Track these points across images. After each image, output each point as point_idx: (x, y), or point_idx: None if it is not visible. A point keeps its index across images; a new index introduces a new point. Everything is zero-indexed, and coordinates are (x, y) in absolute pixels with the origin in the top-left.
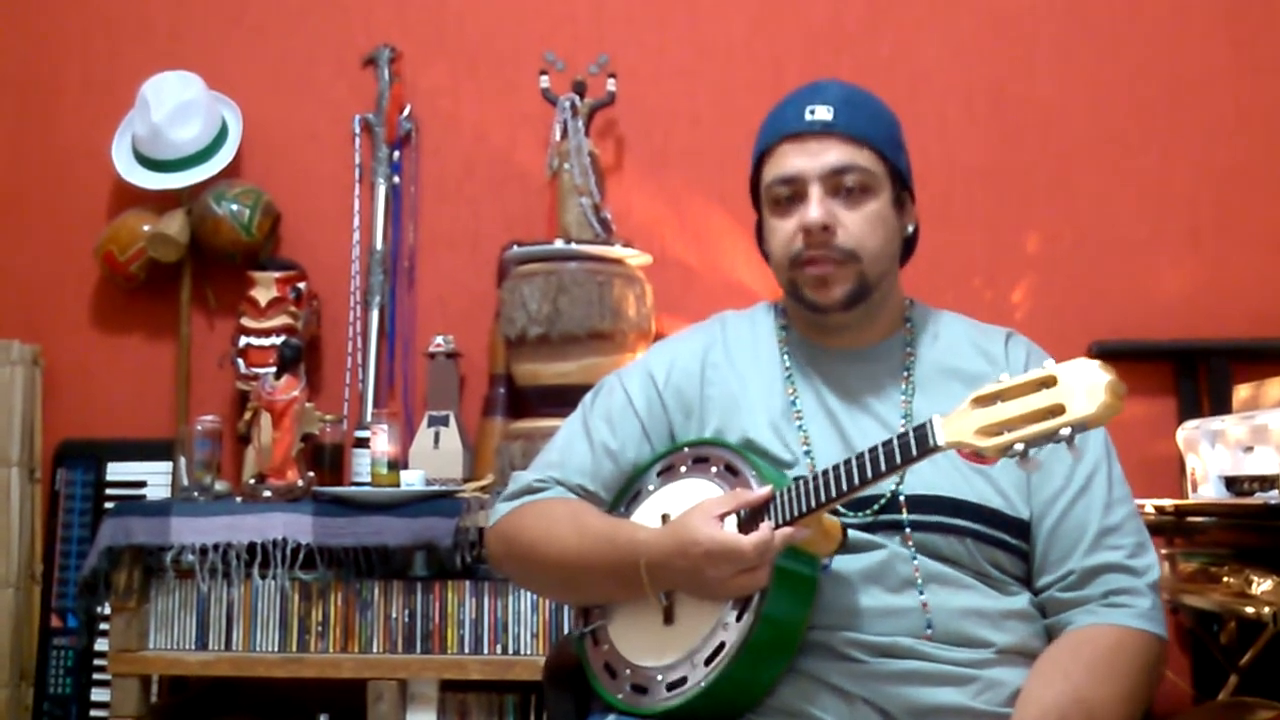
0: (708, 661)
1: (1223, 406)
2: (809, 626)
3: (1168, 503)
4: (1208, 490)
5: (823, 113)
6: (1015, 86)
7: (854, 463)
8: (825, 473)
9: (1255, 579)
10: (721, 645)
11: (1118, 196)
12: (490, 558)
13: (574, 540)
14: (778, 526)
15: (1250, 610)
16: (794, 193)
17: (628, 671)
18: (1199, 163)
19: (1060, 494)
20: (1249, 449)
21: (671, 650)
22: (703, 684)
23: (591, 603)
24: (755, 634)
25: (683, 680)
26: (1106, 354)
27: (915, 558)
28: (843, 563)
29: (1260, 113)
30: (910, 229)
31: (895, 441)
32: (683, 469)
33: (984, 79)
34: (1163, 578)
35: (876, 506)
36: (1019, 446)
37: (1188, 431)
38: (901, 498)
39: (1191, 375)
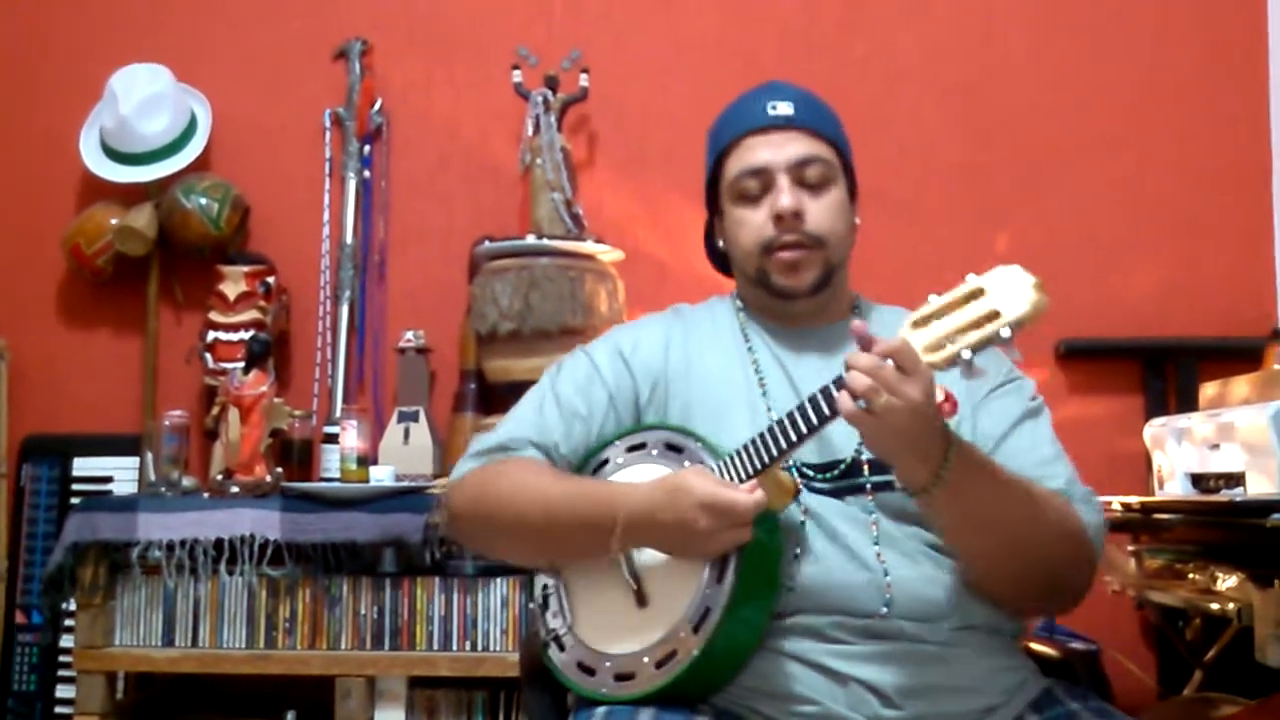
0: (696, 629)
1: (1189, 404)
2: (793, 611)
3: (1134, 500)
4: (1174, 487)
5: (784, 108)
6: (989, 85)
7: (807, 403)
8: (784, 419)
9: (1220, 575)
10: (707, 610)
11: (1089, 196)
12: (451, 512)
13: (555, 489)
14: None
15: (1215, 606)
16: (762, 184)
17: (607, 664)
18: (1171, 163)
19: (1009, 433)
20: (1215, 446)
21: (651, 630)
22: (695, 652)
23: (555, 561)
24: (738, 591)
25: (672, 654)
26: (1075, 352)
27: (873, 514)
28: (814, 541)
29: (1232, 114)
30: (856, 222)
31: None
32: (654, 452)
33: (958, 77)
34: (1129, 573)
35: (839, 470)
36: (966, 354)
37: (1154, 429)
38: (863, 459)
39: (1159, 373)
